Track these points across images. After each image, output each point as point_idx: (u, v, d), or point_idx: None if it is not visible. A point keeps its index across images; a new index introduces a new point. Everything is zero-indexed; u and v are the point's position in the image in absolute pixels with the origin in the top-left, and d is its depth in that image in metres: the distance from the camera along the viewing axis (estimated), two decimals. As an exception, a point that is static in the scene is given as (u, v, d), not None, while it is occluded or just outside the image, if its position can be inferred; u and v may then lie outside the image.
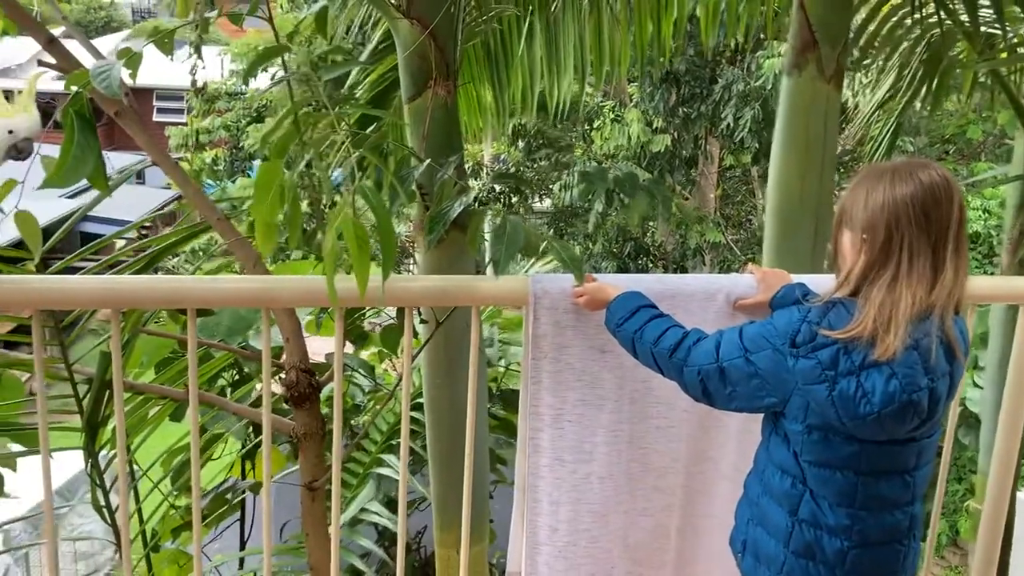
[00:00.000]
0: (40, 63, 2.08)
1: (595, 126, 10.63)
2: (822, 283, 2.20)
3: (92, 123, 1.67)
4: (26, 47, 26.25)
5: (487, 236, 2.47)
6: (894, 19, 4.13)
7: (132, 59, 1.71)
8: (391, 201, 1.93)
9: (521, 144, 12.30)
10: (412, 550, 3.92)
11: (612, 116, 10.51)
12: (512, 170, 12.20)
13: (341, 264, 1.68)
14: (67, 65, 2.07)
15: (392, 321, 2.34)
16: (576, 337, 2.09)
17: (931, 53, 4.25)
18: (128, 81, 1.89)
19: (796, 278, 2.09)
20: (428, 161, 1.88)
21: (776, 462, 1.78)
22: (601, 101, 11.07)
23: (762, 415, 1.84)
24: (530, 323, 2.07)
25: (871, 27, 3.99)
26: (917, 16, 4.04)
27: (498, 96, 3.79)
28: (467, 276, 2.07)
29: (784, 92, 2.90)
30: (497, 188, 11.67)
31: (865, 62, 4.61)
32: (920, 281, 1.62)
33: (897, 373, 1.61)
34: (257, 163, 15.07)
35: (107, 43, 28.18)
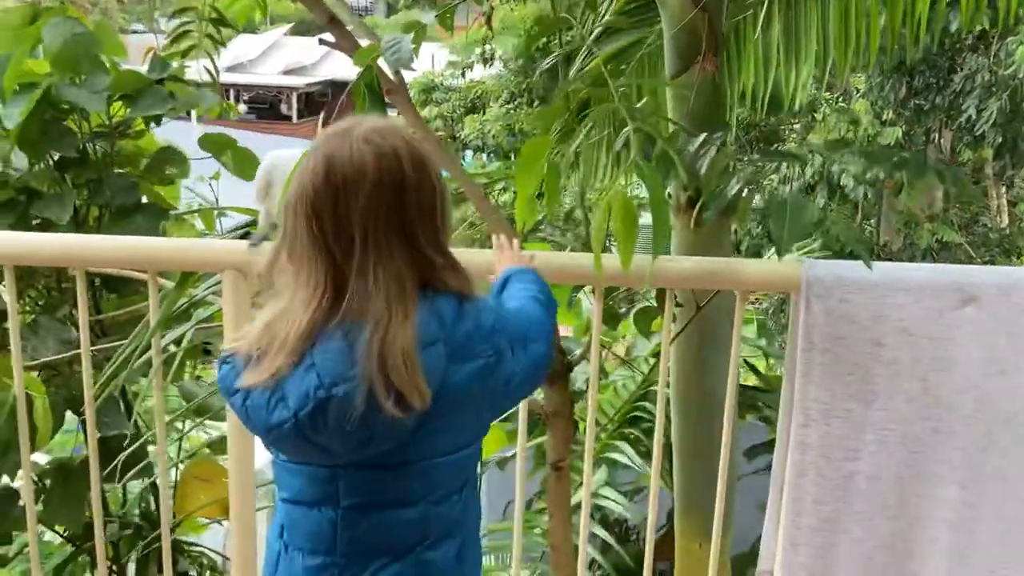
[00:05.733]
0: (321, 42, 2.18)
1: (817, 118, 10.17)
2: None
3: (382, 97, 1.71)
4: (258, 43, 28.06)
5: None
6: None
7: (419, 32, 1.74)
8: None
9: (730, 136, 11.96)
10: (631, 540, 3.88)
11: (836, 107, 10.02)
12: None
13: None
14: (346, 43, 2.15)
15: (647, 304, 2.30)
16: (850, 328, 1.97)
17: None
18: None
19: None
20: (705, 136, 1.82)
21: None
22: (817, 91, 10.57)
23: None
24: (800, 311, 1.97)
25: None
26: None
27: (727, 87, 3.62)
28: (734, 259, 1.99)
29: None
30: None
31: None
32: (317, 294, 1.32)
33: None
34: (470, 153, 15.48)
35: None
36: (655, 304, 2.14)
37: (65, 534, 3.14)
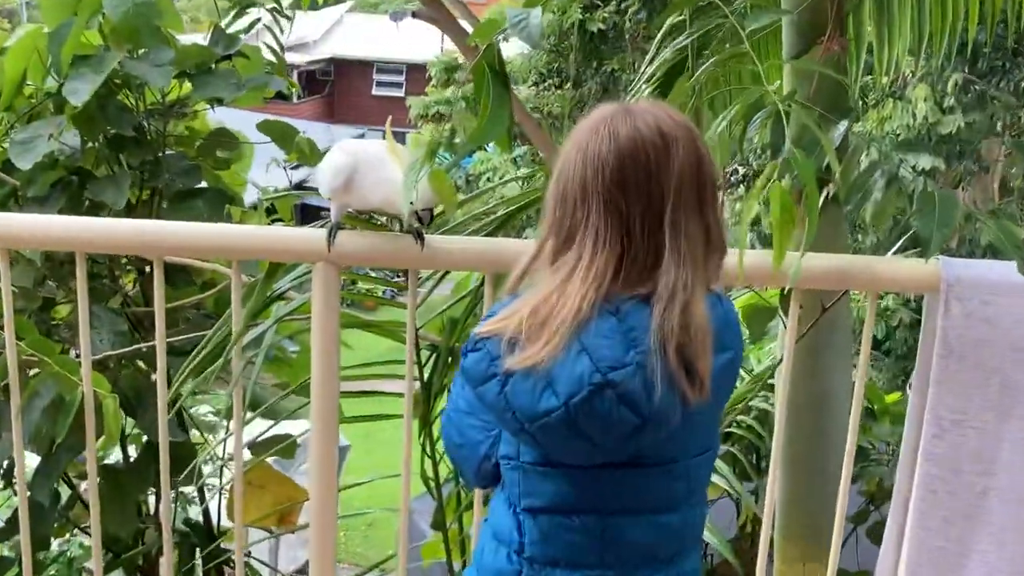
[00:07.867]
0: (415, 15, 2.17)
1: (871, 103, 10.11)
2: None
3: (506, 77, 1.69)
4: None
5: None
6: None
7: (546, 4, 1.72)
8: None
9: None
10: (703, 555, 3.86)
11: (890, 91, 9.96)
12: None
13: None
14: (441, 17, 2.14)
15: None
16: (991, 332, 1.95)
17: None
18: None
19: None
20: (846, 121, 1.80)
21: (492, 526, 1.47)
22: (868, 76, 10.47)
23: None
24: (937, 314, 1.96)
25: None
26: None
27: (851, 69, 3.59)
28: (867, 257, 1.97)
29: None
30: (740, 171, 11.35)
31: None
32: (601, 274, 1.30)
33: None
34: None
35: (332, 14, 29.68)
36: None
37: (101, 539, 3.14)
